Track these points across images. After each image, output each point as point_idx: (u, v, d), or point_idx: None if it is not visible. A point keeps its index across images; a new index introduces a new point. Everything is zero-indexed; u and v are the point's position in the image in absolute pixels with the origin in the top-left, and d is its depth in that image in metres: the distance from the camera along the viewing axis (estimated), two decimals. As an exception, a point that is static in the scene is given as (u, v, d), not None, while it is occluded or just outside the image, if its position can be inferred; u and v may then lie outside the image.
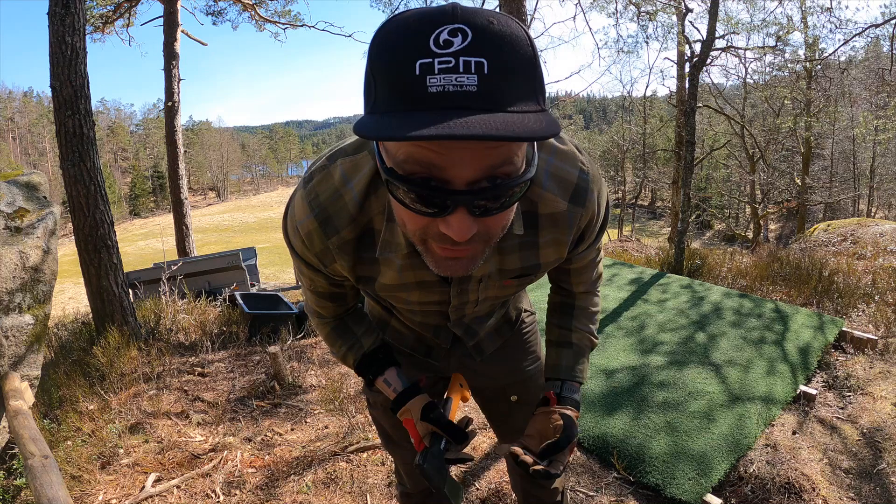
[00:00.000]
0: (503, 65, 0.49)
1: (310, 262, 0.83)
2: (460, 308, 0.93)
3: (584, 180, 0.76)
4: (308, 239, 0.79)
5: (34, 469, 1.60)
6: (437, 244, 0.61)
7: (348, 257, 0.79)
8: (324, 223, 0.76)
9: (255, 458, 2.29)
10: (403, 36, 0.50)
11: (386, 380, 1.00)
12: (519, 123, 0.47)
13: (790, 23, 9.47)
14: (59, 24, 3.45)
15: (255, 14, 11.67)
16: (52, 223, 2.58)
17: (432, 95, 0.48)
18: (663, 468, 2.03)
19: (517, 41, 0.51)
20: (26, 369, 2.37)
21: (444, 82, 0.48)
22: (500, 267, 0.82)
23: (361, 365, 1.02)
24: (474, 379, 1.19)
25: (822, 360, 2.98)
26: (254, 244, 14.79)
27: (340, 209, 0.75)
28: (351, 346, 1.02)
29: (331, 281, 0.88)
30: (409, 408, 0.94)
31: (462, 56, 0.48)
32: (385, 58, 0.51)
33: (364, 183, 0.74)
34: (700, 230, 26.46)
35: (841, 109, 16.51)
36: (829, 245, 6.27)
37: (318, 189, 0.76)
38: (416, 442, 0.94)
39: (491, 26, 0.50)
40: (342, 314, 1.01)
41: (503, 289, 0.89)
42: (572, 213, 0.77)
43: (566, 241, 0.80)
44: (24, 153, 47.53)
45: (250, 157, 69.76)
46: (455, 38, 0.48)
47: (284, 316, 4.06)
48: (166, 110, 9.93)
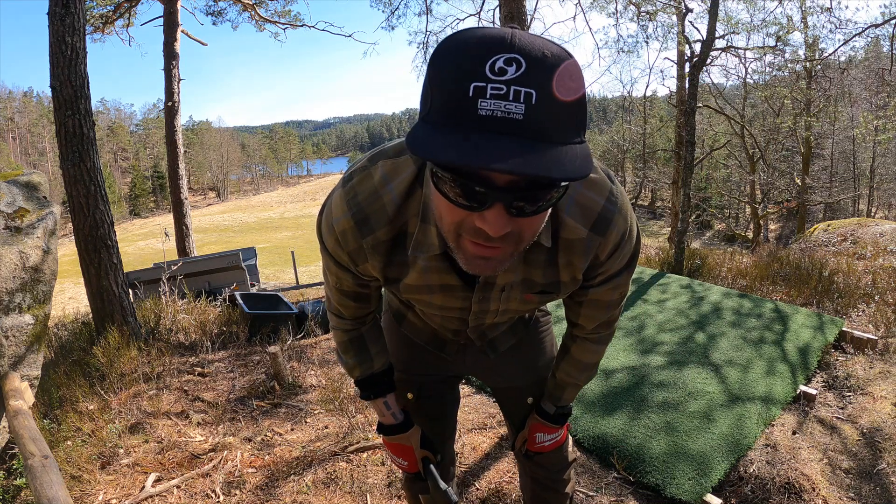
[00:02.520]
0: (550, 97, 0.53)
1: (339, 261, 0.85)
2: (480, 315, 0.94)
3: (608, 210, 0.77)
4: (343, 237, 0.80)
5: (34, 469, 1.60)
6: (471, 240, 0.64)
7: (380, 258, 0.81)
8: (360, 223, 0.78)
9: (255, 458, 2.29)
10: (462, 57, 0.54)
11: (386, 402, 1.10)
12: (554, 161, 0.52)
13: (790, 23, 9.47)
14: (59, 24, 3.45)
15: (255, 14, 11.67)
16: (52, 223, 2.58)
17: (481, 118, 0.52)
18: (663, 468, 2.03)
19: (567, 75, 0.54)
20: (26, 369, 2.37)
21: (494, 107, 0.51)
22: (524, 277, 0.83)
23: (366, 382, 1.08)
24: (490, 378, 1.23)
25: (822, 360, 2.98)
26: (254, 244, 14.80)
27: (378, 210, 0.77)
28: (361, 362, 1.07)
29: (358, 280, 0.90)
30: (409, 436, 1.11)
31: (513, 85, 0.51)
32: (443, 74, 0.55)
33: (404, 186, 0.76)
34: (700, 230, 26.45)
35: (841, 109, 16.53)
36: (829, 245, 6.27)
37: (357, 189, 0.78)
38: (413, 463, 1.13)
39: (545, 60, 0.53)
40: (363, 317, 1.03)
41: (524, 303, 0.91)
42: (591, 242, 0.78)
43: (581, 266, 0.82)
44: (24, 153, 47.52)
45: (250, 157, 69.75)
46: (510, 67, 0.52)
47: (284, 316, 4.06)
48: (166, 110, 9.93)
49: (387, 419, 1.10)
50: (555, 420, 1.15)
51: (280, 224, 34.70)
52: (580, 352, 1.06)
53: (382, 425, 1.11)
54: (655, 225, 32.53)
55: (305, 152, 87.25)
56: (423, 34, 10.75)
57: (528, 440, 1.19)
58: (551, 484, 1.30)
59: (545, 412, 1.16)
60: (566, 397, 1.13)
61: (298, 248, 16.18)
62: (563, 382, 1.12)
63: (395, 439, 1.11)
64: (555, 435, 1.18)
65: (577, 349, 1.06)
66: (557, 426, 1.16)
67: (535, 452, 1.20)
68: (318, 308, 4.34)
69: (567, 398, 1.14)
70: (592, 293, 0.90)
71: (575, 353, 1.07)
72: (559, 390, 1.13)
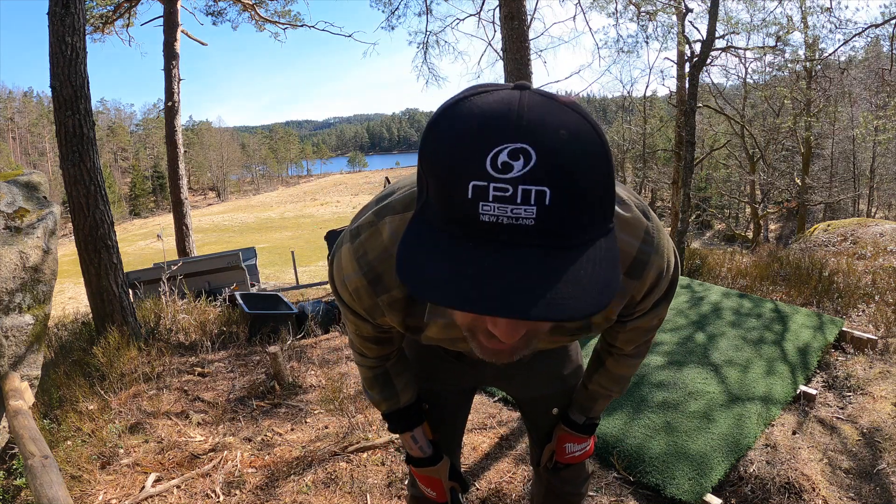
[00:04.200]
0: (570, 193, 0.43)
1: (357, 311, 0.82)
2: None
3: (644, 252, 0.71)
4: (356, 294, 0.77)
5: (34, 469, 1.60)
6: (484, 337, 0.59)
7: (398, 313, 0.78)
8: (373, 282, 0.74)
9: (255, 458, 2.30)
10: (458, 145, 0.44)
11: (414, 437, 1.09)
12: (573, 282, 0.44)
13: (790, 23, 9.46)
14: (59, 24, 3.45)
15: (255, 14, 11.68)
16: (52, 223, 2.58)
17: (484, 224, 0.43)
18: (663, 468, 2.03)
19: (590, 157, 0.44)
20: (26, 369, 2.37)
21: (499, 213, 0.43)
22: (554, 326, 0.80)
23: (393, 416, 1.07)
24: (513, 388, 1.20)
25: (822, 360, 2.98)
26: (254, 244, 14.80)
27: (391, 268, 0.72)
28: (387, 398, 1.05)
29: (378, 329, 0.88)
30: (438, 470, 1.12)
31: (521, 185, 0.42)
32: (436, 165, 0.46)
33: None
34: (700, 230, 26.46)
35: (841, 109, 16.53)
36: (829, 245, 6.28)
37: (366, 246, 0.73)
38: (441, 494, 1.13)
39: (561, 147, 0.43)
40: (386, 356, 1.01)
41: (552, 343, 0.90)
42: (626, 287, 0.73)
43: (616, 309, 0.78)
44: (24, 153, 47.52)
45: (250, 157, 69.77)
46: (516, 161, 0.42)
47: (284, 316, 4.06)
48: (166, 110, 9.93)
49: (415, 452, 1.10)
50: (584, 430, 1.12)
51: (280, 224, 34.70)
52: (616, 365, 1.02)
53: (411, 457, 1.11)
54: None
55: (305, 152, 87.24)
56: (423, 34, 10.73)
57: (557, 451, 1.15)
58: (572, 499, 1.26)
59: (574, 423, 1.12)
60: (597, 408, 1.10)
61: (298, 248, 16.19)
62: (596, 394, 1.08)
63: (424, 472, 1.11)
64: (584, 445, 1.14)
65: (613, 363, 1.02)
66: (586, 436, 1.13)
67: (564, 464, 1.16)
68: (318, 308, 4.34)
69: (598, 409, 1.10)
70: (631, 325, 0.88)
71: (611, 366, 1.03)
72: (590, 401, 1.09)
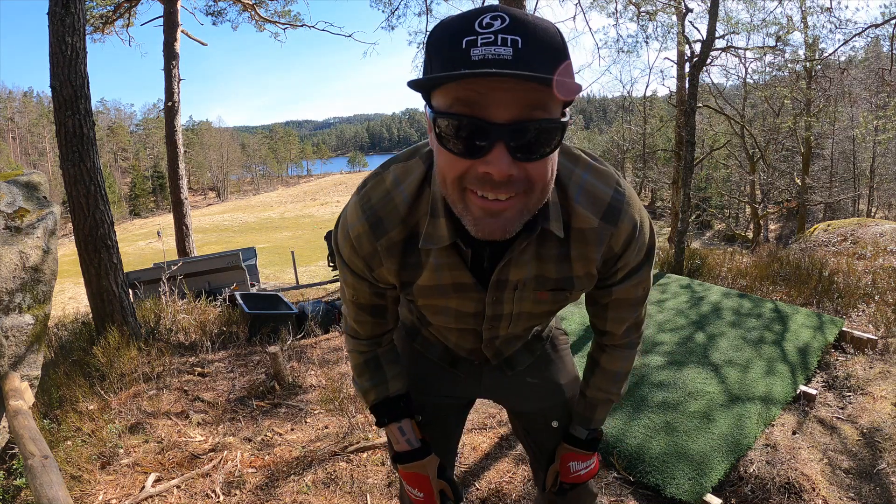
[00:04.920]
0: (536, 43, 0.58)
1: (355, 269, 0.86)
2: (494, 322, 0.91)
3: (617, 200, 0.78)
4: (357, 242, 0.82)
5: (34, 469, 1.60)
6: (478, 192, 0.63)
7: (395, 259, 0.82)
8: (374, 225, 0.80)
9: (255, 458, 2.29)
10: (454, 23, 0.61)
11: (401, 428, 1.03)
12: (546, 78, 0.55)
13: (790, 23, 9.47)
14: (59, 24, 3.45)
15: (255, 14, 11.68)
16: (52, 223, 2.58)
17: (475, 62, 0.57)
18: (663, 468, 2.03)
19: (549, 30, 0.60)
20: (26, 369, 2.37)
21: (485, 52, 0.57)
22: (537, 273, 0.82)
23: (381, 406, 1.04)
24: (509, 400, 1.17)
25: (822, 360, 2.98)
26: (254, 244, 14.79)
27: (391, 211, 0.79)
28: (376, 385, 1.03)
29: (374, 290, 0.90)
30: (426, 464, 1.04)
31: (500, 34, 0.57)
32: (438, 40, 0.61)
33: (415, 185, 0.78)
34: (700, 230, 26.44)
35: (841, 109, 16.51)
36: (829, 245, 6.28)
37: (370, 193, 0.81)
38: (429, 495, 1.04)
39: (526, 17, 0.59)
40: (379, 336, 1.01)
41: (537, 303, 0.88)
42: (603, 231, 0.78)
43: (595, 258, 0.81)
44: (24, 153, 47.51)
45: (250, 157, 69.76)
46: (495, 21, 0.58)
47: (284, 316, 4.06)
48: (166, 110, 9.93)
49: (401, 446, 1.03)
50: (588, 446, 1.08)
51: (280, 224, 34.70)
52: (610, 361, 1.02)
53: (397, 453, 1.04)
54: (655, 225, 32.39)
55: (305, 152, 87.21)
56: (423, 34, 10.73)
57: (562, 471, 1.10)
58: None
59: (576, 438, 1.08)
60: (598, 417, 1.07)
61: (298, 248, 16.19)
62: (595, 400, 1.06)
63: (410, 468, 1.04)
64: (588, 463, 1.10)
65: (607, 359, 1.02)
66: (591, 452, 1.09)
67: (571, 484, 1.10)
68: (318, 308, 4.34)
69: (599, 418, 1.07)
70: (616, 292, 0.89)
71: (605, 363, 1.02)
72: (590, 410, 1.07)
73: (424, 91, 0.63)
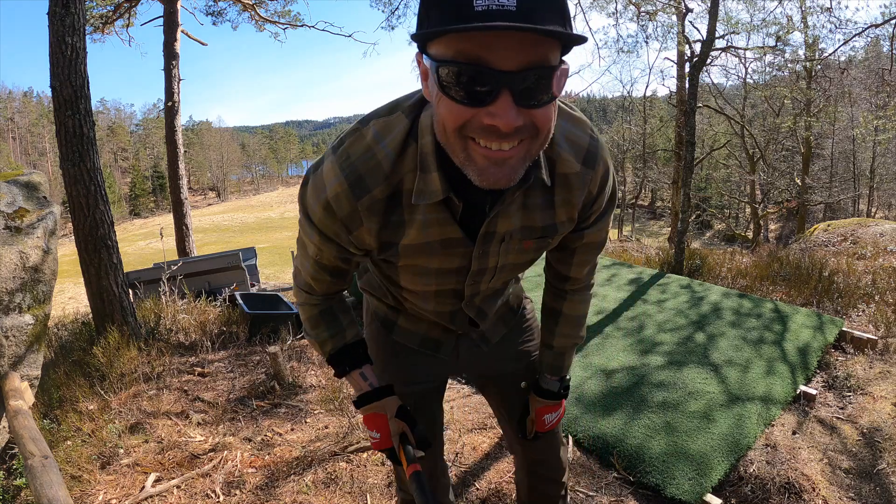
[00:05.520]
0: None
1: (326, 232, 0.82)
2: (478, 277, 0.91)
3: (594, 145, 0.82)
4: (336, 202, 0.77)
5: (34, 469, 1.60)
6: (482, 143, 0.63)
7: (377, 219, 0.79)
8: (354, 184, 0.76)
9: (254, 458, 2.30)
10: None
11: (363, 373, 1.01)
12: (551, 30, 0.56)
13: (790, 23, 9.47)
14: (59, 24, 3.44)
15: (254, 14, 11.68)
16: (52, 223, 2.58)
17: (478, 13, 0.55)
18: (663, 468, 2.03)
19: None
20: (26, 369, 2.37)
21: (488, 2, 0.55)
22: (524, 224, 0.83)
23: (340, 354, 1.01)
24: (485, 368, 1.21)
25: (822, 360, 2.98)
26: (254, 244, 14.79)
27: (373, 168, 0.76)
28: (333, 335, 1.01)
29: (342, 254, 0.86)
30: (384, 404, 1.01)
31: None
32: None
33: (398, 141, 0.75)
34: (700, 230, 26.45)
35: (841, 109, 16.51)
36: (829, 245, 6.28)
37: (349, 150, 0.76)
38: (385, 437, 1.01)
39: None
40: (333, 294, 0.99)
41: (521, 253, 0.89)
42: (584, 175, 0.82)
43: (577, 203, 0.84)
44: (24, 153, 47.52)
45: (250, 157, 69.75)
46: None
47: (284, 316, 4.06)
48: (166, 110, 9.94)
49: (364, 388, 1.01)
50: (559, 396, 1.15)
51: (280, 224, 34.70)
52: (573, 307, 1.07)
53: (357, 398, 1.02)
54: (655, 225, 32.53)
55: (305, 152, 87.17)
56: (423, 34, 10.69)
57: (538, 423, 1.17)
58: (549, 473, 1.30)
59: (548, 391, 1.14)
60: (567, 364, 1.14)
61: (298, 248, 16.16)
62: (563, 347, 1.11)
63: (368, 409, 1.02)
64: (559, 411, 1.18)
65: (570, 305, 1.07)
66: (560, 402, 1.16)
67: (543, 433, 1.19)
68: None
69: (567, 364, 1.14)
70: (587, 235, 0.93)
71: (567, 310, 1.08)
72: (559, 359, 1.12)
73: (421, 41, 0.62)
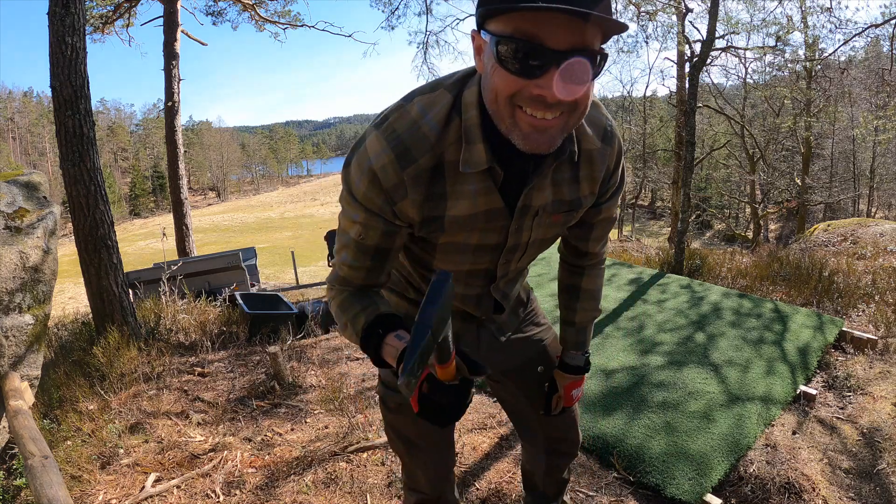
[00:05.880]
0: None
1: (371, 207, 0.84)
2: (510, 255, 0.97)
3: (609, 125, 0.92)
4: (382, 173, 0.80)
5: (34, 469, 1.60)
6: (528, 111, 0.70)
7: (421, 189, 0.83)
8: (401, 155, 0.80)
9: (255, 458, 2.30)
10: None
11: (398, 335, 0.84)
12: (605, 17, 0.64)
13: (790, 23, 9.47)
14: (59, 24, 3.45)
15: (255, 14, 11.69)
16: (52, 223, 2.58)
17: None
18: (663, 468, 2.03)
19: None
20: (26, 369, 2.37)
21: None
22: (554, 198, 0.91)
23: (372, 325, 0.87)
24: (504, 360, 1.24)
25: (822, 360, 2.98)
26: (254, 244, 14.80)
27: (420, 139, 0.81)
28: (365, 307, 0.90)
29: (388, 227, 0.86)
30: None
31: None
32: None
33: (442, 115, 0.81)
34: (700, 230, 26.44)
35: (841, 109, 16.49)
36: (829, 245, 6.28)
37: (395, 125, 0.81)
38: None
39: None
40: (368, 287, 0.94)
41: (550, 227, 0.96)
42: (604, 151, 0.91)
43: (598, 177, 0.93)
44: (24, 153, 47.52)
45: (250, 157, 69.75)
46: None
47: (284, 316, 4.06)
48: (166, 110, 9.94)
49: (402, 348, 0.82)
50: (584, 370, 1.22)
51: (280, 224, 34.71)
52: (591, 281, 1.16)
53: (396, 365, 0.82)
54: (655, 225, 32.51)
55: (305, 152, 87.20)
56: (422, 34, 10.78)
57: (565, 399, 1.24)
58: (568, 448, 1.36)
59: (574, 366, 1.21)
60: (588, 338, 1.22)
61: (298, 248, 16.20)
62: (584, 321, 1.19)
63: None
64: (583, 385, 1.25)
65: (588, 280, 1.16)
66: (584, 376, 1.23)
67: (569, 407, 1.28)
68: (318, 308, 4.34)
69: (588, 339, 1.22)
70: (604, 210, 1.02)
71: (587, 285, 1.16)
72: (582, 334, 1.20)
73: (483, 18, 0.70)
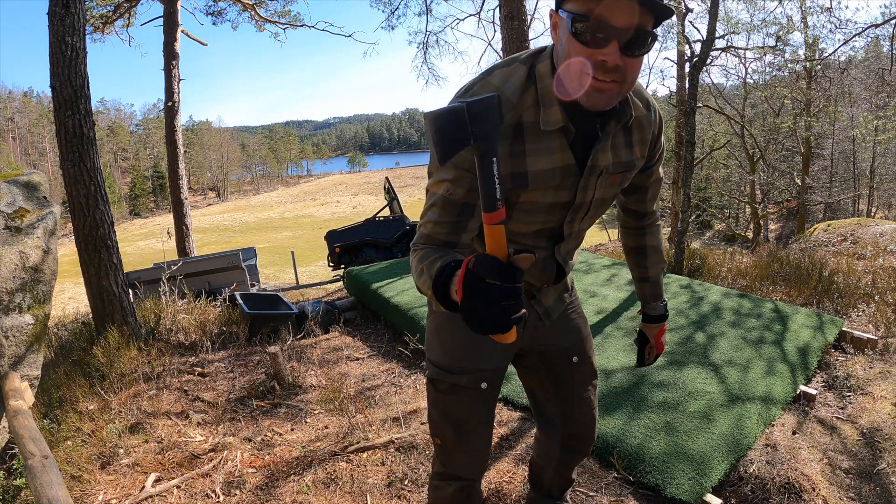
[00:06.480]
0: None
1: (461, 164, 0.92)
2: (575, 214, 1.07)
3: (648, 96, 1.07)
4: None
5: (34, 469, 1.60)
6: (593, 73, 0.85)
7: (506, 143, 0.96)
8: None
9: (254, 458, 2.30)
10: None
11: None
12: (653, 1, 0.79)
13: (790, 23, 9.48)
14: (59, 24, 3.45)
15: (255, 14, 11.69)
16: (52, 223, 2.58)
17: None
18: (663, 468, 2.03)
19: None
20: (26, 369, 2.37)
21: None
22: (615, 160, 1.04)
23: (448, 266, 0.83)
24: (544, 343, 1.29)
25: (822, 360, 2.98)
26: (254, 244, 14.80)
27: (503, 101, 0.91)
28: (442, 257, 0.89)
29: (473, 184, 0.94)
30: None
31: None
32: None
33: (520, 83, 0.95)
34: (700, 230, 26.42)
35: (841, 109, 16.48)
36: (829, 245, 6.28)
37: (479, 92, 0.94)
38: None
39: None
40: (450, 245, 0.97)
41: (610, 187, 1.08)
42: (649, 118, 1.06)
43: (647, 139, 1.07)
44: (24, 153, 47.51)
45: (250, 157, 69.76)
46: None
47: (284, 316, 4.06)
48: (166, 110, 9.94)
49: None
50: (665, 316, 1.35)
51: (280, 224, 34.73)
52: (654, 238, 1.30)
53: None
54: (655, 225, 32.49)
55: (305, 152, 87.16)
56: (423, 34, 10.79)
57: (657, 347, 1.37)
58: (583, 446, 1.41)
59: (658, 315, 1.35)
60: (661, 288, 1.35)
61: (298, 248, 16.20)
62: (657, 274, 1.33)
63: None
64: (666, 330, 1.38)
65: (651, 237, 1.30)
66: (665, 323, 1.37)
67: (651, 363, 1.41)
68: (318, 308, 4.34)
69: (662, 289, 1.35)
70: (655, 172, 1.17)
71: (651, 241, 1.30)
72: (657, 286, 1.34)
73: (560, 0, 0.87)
